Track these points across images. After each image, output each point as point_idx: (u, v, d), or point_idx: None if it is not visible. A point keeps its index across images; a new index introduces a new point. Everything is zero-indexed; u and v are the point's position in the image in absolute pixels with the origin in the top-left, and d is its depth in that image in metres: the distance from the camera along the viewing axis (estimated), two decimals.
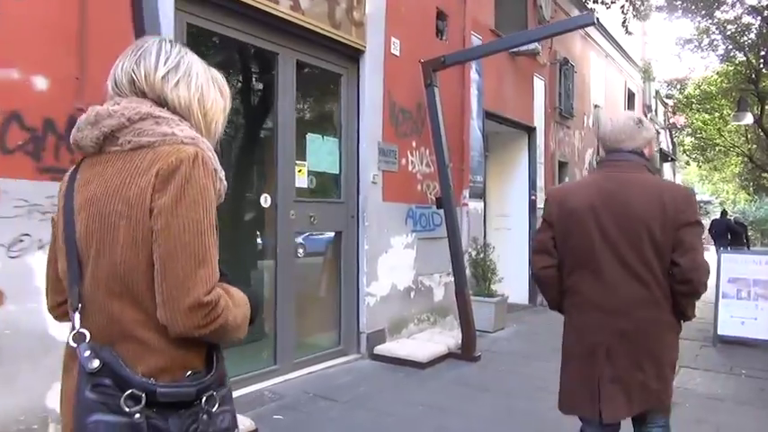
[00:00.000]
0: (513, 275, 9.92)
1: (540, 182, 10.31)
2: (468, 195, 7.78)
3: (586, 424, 2.49)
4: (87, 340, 1.25)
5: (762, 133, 15.64)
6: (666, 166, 22.05)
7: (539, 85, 10.23)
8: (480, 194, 8.28)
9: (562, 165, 11.85)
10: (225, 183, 1.39)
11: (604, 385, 2.33)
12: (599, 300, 2.36)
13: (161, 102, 1.36)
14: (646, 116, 17.72)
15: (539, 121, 10.22)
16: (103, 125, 1.31)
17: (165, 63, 1.37)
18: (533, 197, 9.99)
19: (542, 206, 3.01)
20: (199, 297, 1.21)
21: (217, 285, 1.27)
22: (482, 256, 7.74)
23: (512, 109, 9.31)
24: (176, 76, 1.37)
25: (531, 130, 10.06)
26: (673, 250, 2.27)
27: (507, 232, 10.12)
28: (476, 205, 8.14)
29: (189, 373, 1.29)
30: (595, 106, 13.56)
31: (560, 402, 2.53)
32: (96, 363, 1.21)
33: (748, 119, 12.97)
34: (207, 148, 1.34)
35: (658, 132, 17.82)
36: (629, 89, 16.54)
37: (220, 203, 1.37)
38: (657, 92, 19.66)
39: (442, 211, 6.48)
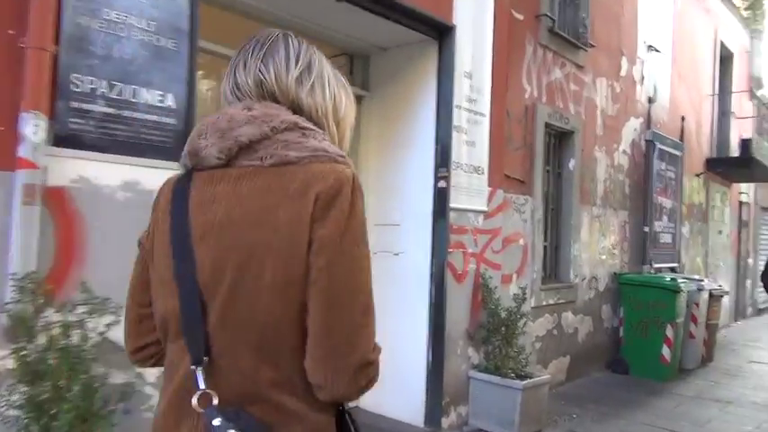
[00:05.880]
0: (400, 358, 4.10)
1: (475, 155, 4.41)
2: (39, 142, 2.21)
3: None
4: (215, 404, 0.90)
5: None
6: None
7: None
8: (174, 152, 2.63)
9: (563, 134, 5.78)
10: None
11: None
12: None
13: (295, 109, 1.03)
14: (752, 96, 10.84)
15: (466, 17, 4.35)
16: (240, 134, 0.96)
17: (297, 62, 1.04)
18: (442, 182, 4.12)
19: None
20: (366, 354, 0.94)
21: None
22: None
23: None
24: (310, 78, 1.05)
25: (442, 33, 4.23)
26: None
27: (394, 261, 4.29)
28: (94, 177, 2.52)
29: None
30: (649, 47, 7.30)
31: None
32: None
33: None
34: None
35: None
36: (722, 43, 9.87)
37: None
38: None
39: None
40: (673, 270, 7.57)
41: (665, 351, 6.03)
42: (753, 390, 5.87)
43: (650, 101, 7.18)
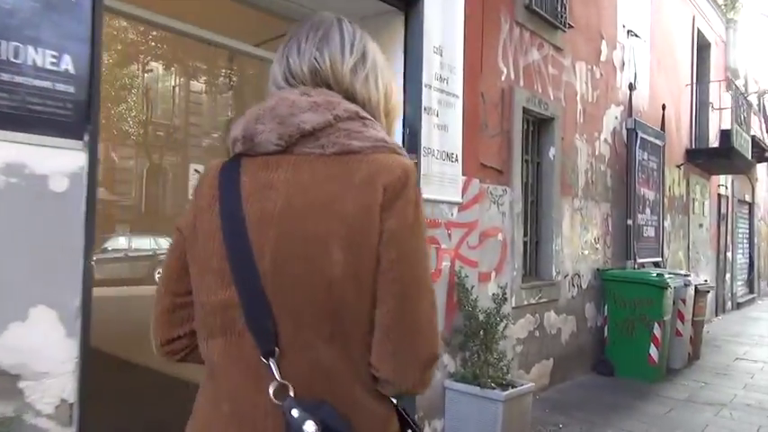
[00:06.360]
0: None
1: (447, 141, 3.95)
2: None
3: None
4: (292, 395, 0.87)
5: None
6: (762, 169, 14.50)
7: None
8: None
9: (542, 121, 5.38)
10: None
11: None
12: None
13: (348, 98, 1.00)
14: (729, 87, 10.62)
15: None
16: (303, 120, 0.93)
17: (352, 51, 1.02)
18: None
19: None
20: (434, 349, 0.92)
21: None
22: None
23: None
24: (365, 68, 1.02)
25: (409, 3, 3.76)
26: None
27: None
28: None
29: None
30: (629, 32, 6.96)
31: None
32: (313, 427, 0.84)
33: None
34: None
35: (750, 105, 10.68)
36: (698, 31, 9.62)
37: None
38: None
39: None
40: (656, 265, 7.23)
41: (653, 351, 5.67)
42: (744, 390, 5.53)
43: (631, 88, 6.83)
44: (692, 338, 6.57)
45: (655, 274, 5.93)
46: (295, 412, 0.84)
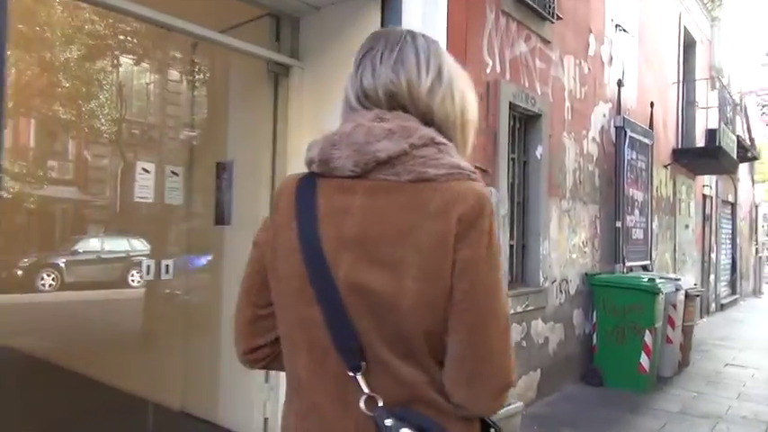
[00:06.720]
0: None
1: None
2: None
3: None
4: (380, 405, 0.91)
5: None
6: (743, 169, 14.42)
7: None
8: None
9: (529, 118, 5.06)
10: None
11: None
12: None
13: (427, 121, 0.98)
14: (713, 85, 10.46)
15: None
16: (379, 149, 0.93)
17: (428, 70, 0.99)
18: None
19: None
20: (508, 377, 0.94)
21: None
22: None
23: None
24: (441, 85, 0.99)
25: None
26: None
27: None
28: None
29: None
30: (617, 27, 6.69)
31: None
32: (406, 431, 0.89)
33: None
34: None
35: (736, 104, 10.51)
36: (685, 29, 9.41)
37: None
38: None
39: None
40: (645, 268, 6.98)
41: (644, 359, 5.39)
42: (738, 401, 5.28)
43: (620, 84, 6.56)
44: (682, 344, 6.32)
45: (646, 279, 5.66)
46: (388, 421, 0.87)
